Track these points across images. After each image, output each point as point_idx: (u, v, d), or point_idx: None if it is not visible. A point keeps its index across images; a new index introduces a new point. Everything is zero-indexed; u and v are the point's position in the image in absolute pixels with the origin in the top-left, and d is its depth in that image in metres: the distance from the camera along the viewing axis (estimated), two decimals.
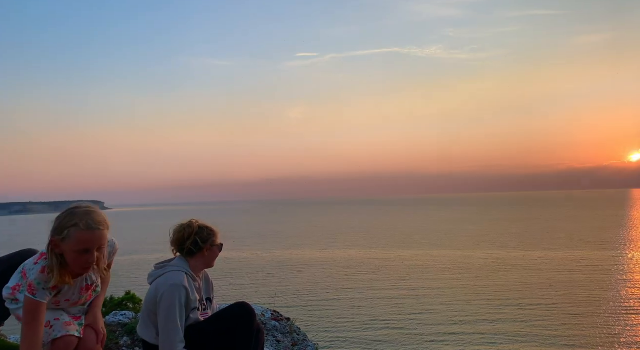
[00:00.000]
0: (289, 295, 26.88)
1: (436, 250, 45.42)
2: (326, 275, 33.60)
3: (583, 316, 20.90)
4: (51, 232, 2.23)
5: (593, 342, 17.56)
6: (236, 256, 43.76)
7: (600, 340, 17.75)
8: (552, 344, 17.35)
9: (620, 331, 19.08)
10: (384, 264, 38.02)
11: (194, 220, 3.07)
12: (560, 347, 16.99)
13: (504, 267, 34.85)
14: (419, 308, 22.85)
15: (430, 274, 32.99)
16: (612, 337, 18.31)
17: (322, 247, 50.84)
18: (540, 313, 21.37)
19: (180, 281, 2.85)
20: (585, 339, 17.82)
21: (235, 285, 30.25)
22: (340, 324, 20.80)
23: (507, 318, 20.58)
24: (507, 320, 20.30)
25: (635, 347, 17.22)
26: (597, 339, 17.99)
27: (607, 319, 20.62)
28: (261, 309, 4.43)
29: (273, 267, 38.45)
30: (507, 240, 52.68)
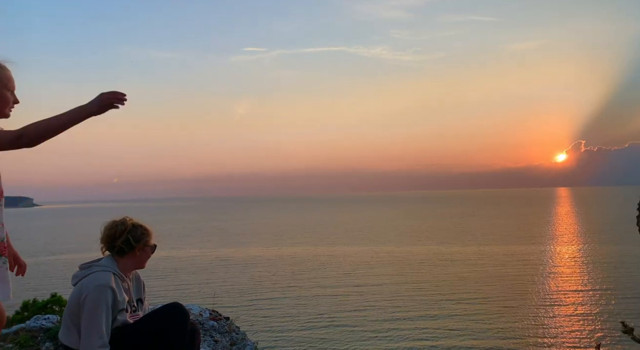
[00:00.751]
0: (232, 294, 26.46)
1: (380, 247, 46.55)
2: (270, 273, 33.42)
3: (516, 308, 22.19)
4: None
5: (525, 333, 18.69)
6: (177, 255, 42.52)
7: (531, 332, 18.92)
8: (488, 336, 18.22)
9: (549, 322, 20.51)
10: (329, 260, 38.43)
11: (128, 218, 2.92)
12: (495, 340, 17.87)
13: (443, 262, 36.33)
14: (362, 304, 23.23)
15: (373, 269, 33.74)
16: (541, 327, 19.63)
17: (266, 245, 50.54)
18: (476, 307, 22.36)
19: (106, 281, 2.69)
20: (517, 331, 18.90)
21: (174, 285, 29.36)
22: (284, 322, 20.71)
23: (447, 313, 21.34)
24: (447, 315, 21.03)
25: (562, 336, 18.52)
26: (529, 330, 19.19)
27: (537, 310, 22.06)
28: (199, 309, 4.31)
29: (215, 266, 37.72)
30: (446, 236, 55.01)
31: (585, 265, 34.27)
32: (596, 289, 26.07)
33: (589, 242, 46.61)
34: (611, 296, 24.15)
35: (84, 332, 2.61)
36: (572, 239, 50.03)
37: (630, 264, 32.68)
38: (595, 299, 23.98)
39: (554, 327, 19.63)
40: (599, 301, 23.36)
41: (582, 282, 28.27)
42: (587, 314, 21.39)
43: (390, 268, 34.00)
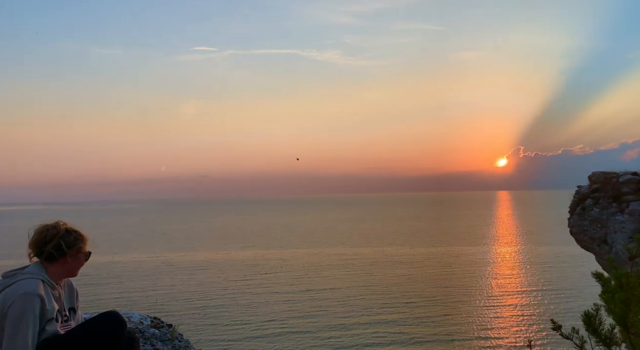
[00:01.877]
0: (177, 300, 25.63)
1: (330, 249, 46.86)
2: (219, 278, 32.74)
3: (459, 309, 23.01)
4: None
5: (466, 336, 19.25)
6: (118, 260, 40.74)
7: (471, 333, 19.60)
8: (435, 339, 18.61)
9: (488, 322, 21.43)
10: (279, 264, 38.19)
11: (61, 222, 2.73)
12: (439, 343, 18.29)
13: (393, 264, 37.15)
14: (314, 309, 23.07)
15: (325, 272, 33.88)
16: (481, 327, 20.46)
17: (215, 249, 49.50)
18: (424, 309, 22.80)
19: (33, 289, 2.49)
20: (460, 333, 19.44)
21: (114, 292, 28.08)
22: (231, 329, 20.23)
23: (396, 317, 21.54)
24: (396, 319, 21.22)
25: (498, 335, 19.37)
26: (470, 331, 19.89)
27: (478, 310, 23.04)
28: (139, 317, 4.11)
29: (160, 271, 36.42)
30: (395, 238, 56.30)
31: (523, 265, 36.22)
32: (532, 289, 27.60)
33: (526, 243, 49.34)
34: (544, 295, 25.66)
35: (6, 343, 2.40)
36: (512, 240, 52.73)
37: (563, 264, 34.90)
38: (530, 298, 25.38)
39: (492, 327, 20.53)
40: (534, 300, 24.75)
41: (520, 282, 29.83)
42: (522, 313, 22.60)
43: (341, 271, 34.30)
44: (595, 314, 1.83)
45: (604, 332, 1.80)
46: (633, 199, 9.68)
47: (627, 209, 9.60)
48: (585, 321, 1.85)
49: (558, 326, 2.35)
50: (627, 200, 9.74)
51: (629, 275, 1.77)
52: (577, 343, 2.04)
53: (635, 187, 9.77)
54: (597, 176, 10.50)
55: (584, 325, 1.86)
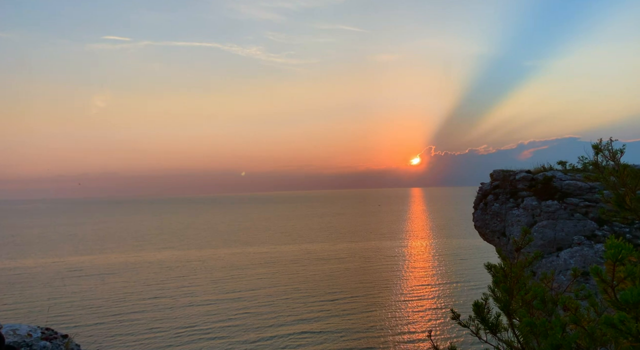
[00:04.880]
0: (79, 308, 23.62)
1: (252, 248, 46.38)
2: (133, 281, 30.91)
3: (374, 304, 23.94)
4: None
5: (379, 328, 20.09)
6: (11, 266, 36.97)
7: (383, 326, 20.45)
8: (351, 334, 19.12)
9: (399, 314, 22.47)
10: (199, 265, 37.02)
11: None
12: (355, 337, 18.79)
13: (315, 261, 37.65)
14: (237, 312, 22.36)
15: (247, 272, 33.42)
16: (392, 320, 21.41)
17: (127, 251, 46.75)
18: (345, 306, 23.28)
19: None
20: (374, 329, 20.17)
21: (2, 302, 25.31)
22: (143, 336, 18.98)
23: (321, 315, 21.65)
24: (320, 317, 21.34)
25: (403, 326, 20.39)
26: (383, 325, 20.72)
27: (391, 304, 24.10)
28: (27, 329, 3.71)
29: (64, 276, 33.58)
30: (316, 235, 57.12)
31: (433, 258, 38.57)
32: (439, 280, 29.53)
33: (437, 236, 52.62)
34: (450, 286, 27.57)
35: None
36: (424, 235, 55.93)
37: (468, 256, 37.68)
38: (437, 289, 27.14)
39: (403, 318, 21.56)
40: (441, 291, 26.49)
41: (429, 275, 31.76)
42: (429, 303, 24.11)
43: (263, 269, 34.05)
44: (484, 303, 1.95)
45: (491, 319, 1.92)
46: (527, 194, 10.68)
47: (522, 204, 10.57)
48: (475, 310, 1.96)
49: (457, 315, 2.50)
50: (522, 196, 10.72)
51: (514, 264, 1.91)
52: (473, 330, 2.16)
53: (529, 184, 10.78)
54: (497, 174, 11.44)
55: (474, 313, 1.98)
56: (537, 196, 10.28)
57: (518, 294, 1.79)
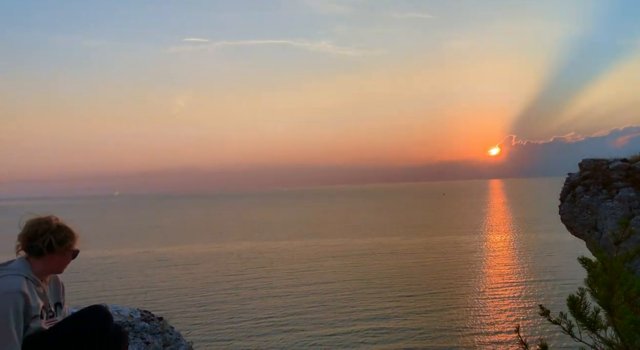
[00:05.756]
0: (167, 293, 25.56)
1: (325, 240, 47.01)
2: (213, 271, 32.69)
3: (455, 299, 23.05)
4: None
5: (461, 324, 19.30)
6: (109, 255, 40.57)
7: (466, 322, 19.70)
8: (433, 328, 18.53)
9: (484, 307, 21.60)
10: (274, 257, 38.21)
11: (54, 218, 2.69)
12: (435, 334, 18.12)
13: (389, 255, 37.36)
14: (310, 304, 22.57)
15: (319, 264, 33.93)
16: (475, 316, 20.62)
17: (208, 242, 49.44)
18: (422, 302, 22.48)
19: (17, 287, 2.46)
20: (455, 322, 19.45)
21: (104, 286, 27.96)
22: (225, 322, 20.02)
23: (397, 312, 20.99)
24: (396, 313, 20.69)
25: (489, 322, 19.55)
26: (464, 320, 19.94)
27: (472, 299, 23.18)
28: (129, 311, 4.09)
29: (153, 265, 36.32)
30: (389, 228, 56.55)
31: (516, 253, 36.60)
32: (524, 276, 27.92)
33: (519, 231, 49.81)
34: (536, 282, 25.95)
35: None
36: (505, 229, 53.20)
37: (555, 251, 35.29)
38: (522, 285, 25.66)
39: (484, 315, 20.64)
40: (526, 287, 25.03)
41: (512, 270, 30.16)
42: (514, 298, 22.86)
43: (336, 262, 34.36)
44: (580, 298, 1.84)
45: (589, 315, 1.81)
46: (622, 185, 9.78)
47: (617, 196, 9.70)
48: (569, 305, 1.86)
49: (546, 312, 2.37)
50: (616, 186, 9.83)
51: (613, 259, 1.78)
52: (564, 327, 2.05)
53: (625, 173, 9.86)
54: (588, 163, 10.57)
55: (569, 309, 1.87)
56: (636, 187, 9.37)
57: (620, 289, 1.67)
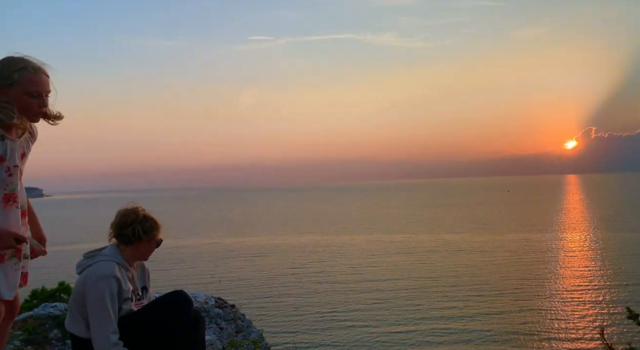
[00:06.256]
0: (237, 283, 26.55)
1: (389, 236, 46.59)
2: (278, 263, 33.55)
3: (530, 300, 21.72)
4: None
5: (537, 327, 18.15)
6: (184, 244, 42.88)
7: (543, 325, 18.50)
8: (506, 332, 17.51)
9: (559, 311, 20.27)
10: (338, 251, 38.47)
11: (140, 208, 2.93)
12: (510, 336, 17.18)
13: (456, 252, 36.25)
14: (373, 299, 22.34)
15: (383, 260, 33.66)
16: (552, 318, 19.41)
17: (273, 234, 50.79)
18: (492, 301, 21.48)
19: (110, 271, 2.72)
20: (531, 324, 18.35)
21: (178, 274, 29.56)
22: (290, 312, 20.52)
23: (464, 312, 20.15)
24: (463, 314, 19.85)
25: (570, 324, 18.38)
26: (541, 322, 18.78)
27: (549, 299, 21.80)
28: (204, 297, 4.34)
29: (222, 255, 37.98)
30: (455, 224, 54.86)
31: (596, 253, 34.05)
32: (605, 277, 25.91)
33: (599, 229, 46.25)
34: (619, 283, 23.99)
35: (94, 322, 2.64)
36: (583, 227, 49.65)
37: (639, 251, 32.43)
38: (603, 287, 23.82)
39: (563, 318, 19.40)
40: (608, 289, 23.21)
41: (592, 270, 28.12)
42: (595, 301, 21.25)
43: (400, 258, 33.89)
44: None
45: None
46: None
47: None
48: None
49: (635, 315, 2.22)
50: None
51: None
52: None
53: None
54: None
55: None
56: None
57: None
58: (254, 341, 3.85)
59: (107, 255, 2.81)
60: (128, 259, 2.88)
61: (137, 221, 2.85)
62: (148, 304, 2.92)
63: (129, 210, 2.89)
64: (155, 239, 2.93)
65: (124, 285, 2.77)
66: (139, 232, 2.84)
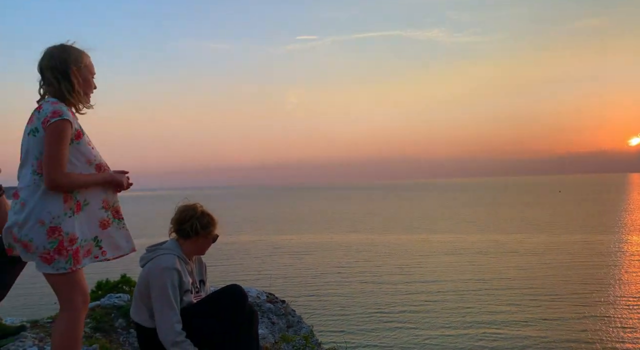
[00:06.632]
0: (286, 279, 26.91)
1: (437, 235, 45.65)
2: (324, 261, 33.69)
3: (590, 307, 20.47)
4: (68, 63, 2.26)
5: (604, 332, 17.22)
6: (233, 240, 43.96)
7: (606, 335, 17.48)
8: (565, 339, 16.65)
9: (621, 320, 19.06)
10: (385, 250, 38.12)
11: (199, 205, 3.07)
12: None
13: (506, 253, 34.98)
14: (422, 302, 21.80)
15: (431, 260, 32.98)
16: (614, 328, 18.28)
17: (318, 233, 51.05)
18: (550, 306, 20.47)
19: (172, 264, 2.85)
20: (594, 328, 17.44)
21: (230, 269, 30.36)
22: (339, 310, 20.57)
23: (517, 315, 19.29)
24: (516, 319, 18.95)
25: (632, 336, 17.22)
26: (608, 326, 17.79)
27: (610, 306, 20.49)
28: (256, 292, 4.45)
29: (270, 251, 38.63)
30: (506, 224, 52.91)
31: None
32: None
33: None
34: None
35: (158, 311, 2.79)
36: None
37: None
38: None
39: (629, 325, 18.19)
40: None
41: None
42: None
43: (449, 259, 33.03)
44: None
45: None
46: None
47: None
48: None
49: None
50: None
51: None
52: None
53: None
54: None
55: None
56: None
57: None
58: (305, 337, 3.91)
59: (168, 248, 2.96)
60: (187, 253, 3.01)
61: (195, 217, 2.99)
62: (206, 297, 3.05)
63: (188, 207, 3.03)
64: (212, 234, 3.06)
65: (184, 278, 2.90)
66: (197, 227, 2.97)
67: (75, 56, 2.29)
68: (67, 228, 2.21)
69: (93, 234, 2.38)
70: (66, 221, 2.20)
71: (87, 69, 2.34)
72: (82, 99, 2.33)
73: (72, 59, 2.27)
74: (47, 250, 2.17)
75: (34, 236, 2.15)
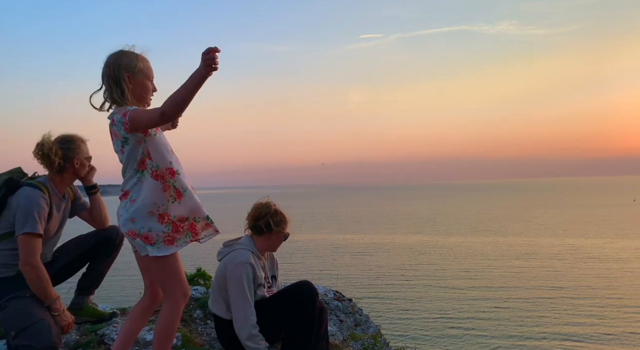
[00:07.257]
0: (348, 279, 26.91)
1: (504, 238, 43.63)
2: (386, 262, 33.32)
3: None
4: (121, 69, 2.29)
5: None
6: (299, 238, 44.65)
7: None
8: None
9: None
10: (448, 252, 37.01)
11: (272, 203, 3.20)
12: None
13: (581, 259, 32.77)
14: (491, 308, 20.91)
15: (499, 264, 31.59)
16: None
17: (380, 233, 50.56)
18: (635, 315, 19.11)
19: (246, 259, 2.98)
20: None
21: (298, 266, 30.92)
22: (400, 314, 20.21)
23: (599, 330, 17.94)
24: (599, 333, 17.64)
25: None
26: None
27: None
28: (323, 289, 4.51)
29: (332, 250, 38.84)
30: (586, 228, 49.41)
31: None
32: None
33: None
34: None
35: (234, 304, 2.93)
36: None
37: None
38: None
39: None
40: None
41: None
42: None
43: (519, 263, 31.43)
44: None
45: None
46: None
47: None
48: None
49: None
50: None
51: None
52: None
53: None
54: None
55: None
56: None
57: None
58: (374, 336, 3.91)
59: (243, 244, 3.10)
60: (260, 248, 3.13)
61: (269, 214, 3.11)
62: (277, 292, 3.14)
63: (263, 204, 3.16)
64: (284, 231, 3.15)
65: (258, 272, 3.02)
66: (270, 224, 3.08)
67: (129, 62, 2.30)
68: (174, 212, 2.36)
69: (204, 213, 2.50)
70: (171, 207, 2.35)
71: (143, 73, 2.34)
72: (135, 105, 2.32)
73: (125, 65, 2.30)
74: (166, 233, 2.34)
75: (151, 226, 2.31)
